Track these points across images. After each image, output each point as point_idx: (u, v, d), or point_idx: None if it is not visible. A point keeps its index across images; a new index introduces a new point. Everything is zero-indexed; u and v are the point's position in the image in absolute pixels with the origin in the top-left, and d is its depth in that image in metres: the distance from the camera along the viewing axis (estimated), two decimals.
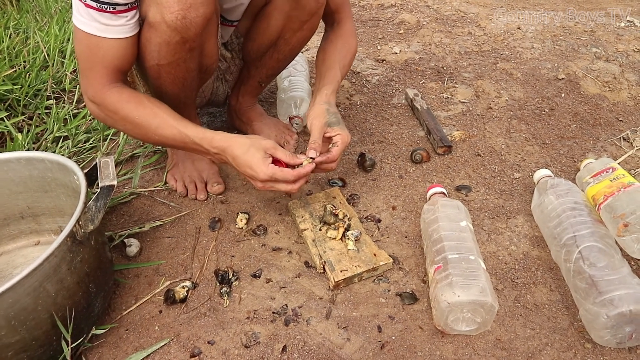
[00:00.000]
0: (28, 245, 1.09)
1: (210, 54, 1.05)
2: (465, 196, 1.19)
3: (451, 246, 0.93)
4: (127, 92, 0.96)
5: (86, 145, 1.37)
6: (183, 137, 0.96)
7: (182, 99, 1.09)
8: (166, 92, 1.05)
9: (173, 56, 0.96)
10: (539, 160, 1.28)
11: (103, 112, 0.97)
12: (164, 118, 0.96)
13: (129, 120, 0.96)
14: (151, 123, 0.96)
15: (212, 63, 1.09)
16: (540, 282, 0.99)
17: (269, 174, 0.94)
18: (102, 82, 0.94)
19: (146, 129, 0.97)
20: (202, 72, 1.08)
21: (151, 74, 1.01)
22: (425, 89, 1.60)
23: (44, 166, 0.98)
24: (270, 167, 0.95)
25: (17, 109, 1.47)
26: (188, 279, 1.02)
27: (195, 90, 1.12)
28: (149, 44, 0.95)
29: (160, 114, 0.96)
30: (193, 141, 0.96)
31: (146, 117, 0.96)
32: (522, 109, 1.47)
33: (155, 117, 0.96)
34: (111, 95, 0.95)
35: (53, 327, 0.78)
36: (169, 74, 1.00)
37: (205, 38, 0.99)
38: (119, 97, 0.95)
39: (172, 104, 1.01)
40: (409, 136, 1.40)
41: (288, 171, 0.97)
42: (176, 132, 0.96)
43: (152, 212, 1.18)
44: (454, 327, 0.87)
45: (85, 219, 0.82)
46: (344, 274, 0.98)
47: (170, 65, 0.98)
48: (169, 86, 1.03)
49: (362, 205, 1.19)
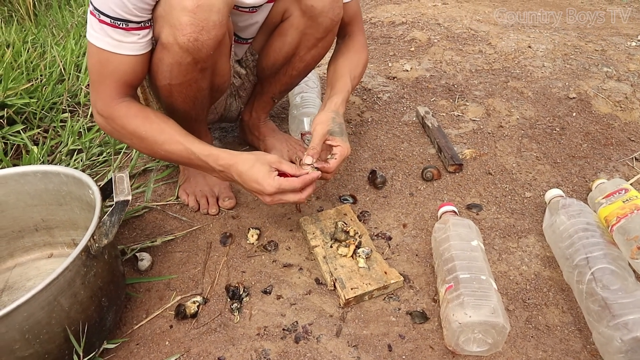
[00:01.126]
0: (41, 258, 1.10)
1: (222, 73, 1.07)
2: (476, 215, 1.19)
3: (462, 265, 0.93)
4: (135, 107, 0.98)
5: (99, 158, 1.39)
6: (189, 154, 0.97)
7: (193, 116, 1.10)
8: (178, 110, 1.07)
9: (185, 76, 0.98)
10: (550, 179, 1.28)
11: (110, 126, 0.99)
12: (171, 134, 0.97)
13: (136, 135, 0.97)
14: (158, 139, 0.97)
15: (224, 82, 1.11)
16: (552, 303, 0.98)
17: (275, 186, 0.94)
18: (111, 96, 0.96)
19: (152, 144, 0.97)
20: (214, 91, 1.10)
21: (163, 93, 1.03)
22: (436, 106, 1.60)
23: (60, 180, 0.99)
24: (277, 179, 0.95)
25: (33, 122, 1.49)
26: (199, 294, 1.02)
27: (206, 107, 1.14)
28: (161, 64, 0.96)
29: (167, 130, 0.97)
30: (199, 158, 0.97)
31: (153, 132, 0.96)
32: (533, 128, 1.47)
33: (162, 132, 0.97)
34: (119, 109, 0.96)
35: (66, 340, 0.79)
36: (181, 93, 1.02)
37: (217, 58, 1.00)
38: (127, 111, 0.96)
39: (183, 120, 1.03)
40: (420, 154, 1.40)
41: (294, 179, 0.96)
42: (182, 148, 0.97)
43: (164, 226, 1.18)
44: (465, 347, 0.87)
45: (99, 233, 0.83)
46: (355, 292, 0.98)
47: (181, 85, 1.00)
48: (181, 104, 1.05)
49: (373, 222, 1.19)
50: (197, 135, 1.04)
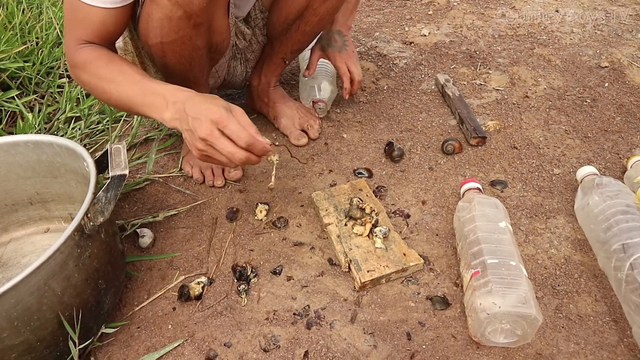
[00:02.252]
0: (37, 233, 1.04)
1: (220, 30, 0.97)
2: (501, 192, 1.11)
3: (490, 249, 0.85)
4: (101, 50, 0.89)
5: (99, 126, 1.31)
6: (144, 89, 0.85)
7: (191, 79, 1.01)
8: (174, 72, 0.98)
9: (177, 33, 0.89)
10: (580, 155, 1.19)
11: (75, 74, 0.90)
12: (131, 74, 0.87)
13: (95, 76, 0.88)
14: (116, 78, 0.87)
15: (223, 40, 1.01)
16: (584, 291, 0.91)
17: (224, 114, 0.78)
18: (76, 42, 0.88)
19: (109, 84, 0.87)
20: (212, 51, 1.00)
21: (156, 53, 0.94)
22: (457, 74, 1.50)
23: (53, 151, 0.92)
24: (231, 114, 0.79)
25: (29, 88, 1.41)
26: (204, 274, 0.96)
27: (205, 70, 1.05)
28: (151, 20, 0.87)
29: (129, 71, 0.87)
30: (154, 90, 0.84)
31: (113, 72, 0.87)
32: (561, 99, 1.37)
33: (122, 73, 0.87)
34: (82, 53, 0.88)
35: (60, 327, 0.73)
36: (174, 53, 0.93)
37: (212, 13, 0.91)
38: (90, 53, 0.88)
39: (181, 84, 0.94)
40: (440, 125, 1.31)
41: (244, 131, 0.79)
42: (138, 85, 0.86)
43: (166, 200, 1.11)
44: (492, 338, 0.80)
45: (94, 210, 0.76)
46: (371, 275, 0.91)
47: (174, 44, 0.91)
48: (176, 66, 0.96)
49: (390, 198, 1.11)
50: None
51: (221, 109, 0.79)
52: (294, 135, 1.25)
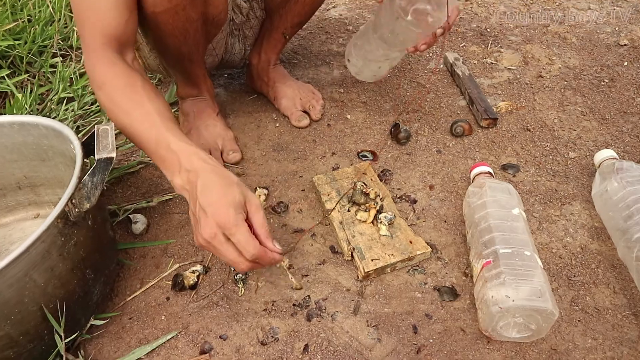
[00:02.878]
0: (27, 219, 0.99)
1: (216, 2, 0.91)
2: (513, 177, 1.05)
3: (503, 238, 0.80)
4: (120, 67, 0.78)
5: (93, 107, 1.25)
6: (159, 140, 0.73)
7: (186, 54, 0.95)
8: (168, 47, 0.92)
9: (170, 2, 0.83)
10: (597, 138, 1.13)
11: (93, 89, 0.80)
12: (149, 112, 0.75)
13: (111, 101, 0.78)
14: (133, 112, 0.76)
15: (219, 13, 0.94)
16: (601, 282, 0.85)
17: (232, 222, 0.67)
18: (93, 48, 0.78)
19: (123, 115, 0.77)
20: (207, 24, 0.94)
21: (150, 26, 0.88)
22: (466, 52, 1.43)
23: (39, 132, 0.87)
24: (242, 219, 0.68)
25: (20, 67, 1.36)
26: (199, 262, 0.91)
27: (201, 45, 0.98)
28: None
29: (147, 107, 0.75)
30: (169, 148, 0.72)
31: (130, 102, 0.76)
32: (577, 79, 1.30)
33: (140, 106, 0.76)
34: (100, 69, 0.78)
35: (44, 319, 0.68)
36: (167, 24, 0.87)
37: None
38: (108, 70, 0.77)
39: (176, 61, 0.88)
40: (449, 106, 1.24)
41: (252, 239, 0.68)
42: (155, 131, 0.74)
43: (161, 184, 1.06)
44: (504, 333, 0.75)
45: (79, 196, 0.71)
46: (376, 264, 0.86)
47: (167, 14, 0.85)
48: (169, 38, 0.90)
49: (396, 182, 1.05)
50: (194, 80, 0.90)
51: (230, 212, 0.67)
52: (294, 117, 1.19)
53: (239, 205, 0.69)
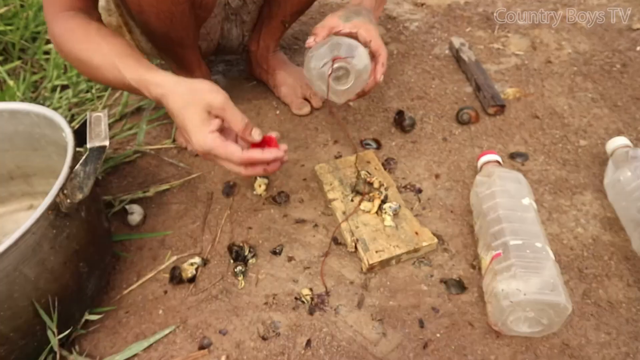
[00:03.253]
0: (20, 210, 0.96)
1: None
2: (521, 165, 1.02)
3: (513, 229, 0.77)
4: (77, 20, 0.79)
5: (88, 95, 1.22)
6: (123, 80, 0.77)
7: (175, 39, 0.92)
8: (154, 31, 0.88)
9: None
10: (609, 125, 1.09)
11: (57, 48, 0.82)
12: (106, 55, 0.77)
13: (72, 55, 0.80)
14: (92, 61, 0.78)
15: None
16: (614, 275, 0.82)
17: (206, 147, 0.72)
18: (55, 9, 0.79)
19: (88, 67, 0.79)
20: (196, 8, 0.89)
21: (134, 9, 0.84)
22: (473, 38, 1.39)
23: (30, 120, 0.83)
24: (210, 138, 0.71)
25: (12, 54, 1.32)
26: (197, 254, 0.88)
27: (191, 30, 0.94)
28: None
29: (104, 50, 0.77)
30: (130, 85, 0.77)
31: (87, 52, 0.78)
32: (588, 64, 1.26)
33: (98, 52, 0.77)
34: (58, 24, 0.79)
35: (35, 315, 0.66)
36: (152, 7, 0.83)
37: None
38: (66, 25, 0.78)
39: (166, 44, 0.85)
40: (454, 92, 1.21)
41: (233, 150, 0.72)
42: (117, 73, 0.77)
43: (158, 173, 1.03)
44: (514, 328, 0.72)
45: (71, 186, 0.68)
46: (380, 256, 0.83)
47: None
48: (155, 23, 0.86)
49: (400, 172, 1.02)
50: (188, 66, 0.86)
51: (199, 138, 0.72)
52: (295, 104, 1.15)
53: (205, 121, 0.72)
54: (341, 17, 0.87)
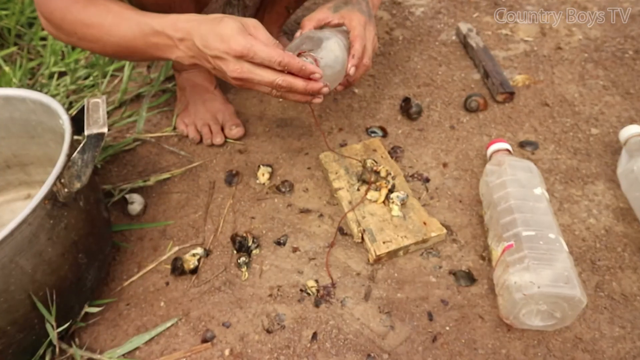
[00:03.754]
0: (17, 199, 0.94)
1: None
2: (531, 154, 0.99)
3: (525, 220, 0.74)
4: None
5: (86, 82, 1.19)
6: (142, 29, 0.74)
7: None
8: None
9: None
10: (621, 113, 1.06)
11: (52, 25, 0.78)
12: (119, 11, 0.75)
13: (79, 24, 0.76)
14: (104, 21, 0.75)
15: None
16: (628, 267, 0.80)
17: (245, 44, 0.67)
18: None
19: (99, 30, 0.75)
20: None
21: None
22: (480, 23, 1.35)
23: (26, 107, 0.81)
24: (250, 37, 0.69)
25: (8, 40, 1.29)
26: (199, 244, 0.86)
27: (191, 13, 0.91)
28: None
29: (115, 8, 0.75)
30: (154, 30, 0.73)
31: (98, 14, 0.75)
32: (599, 51, 1.23)
33: (108, 12, 0.75)
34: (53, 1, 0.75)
35: (33, 308, 0.64)
36: None
37: None
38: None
39: None
40: (462, 79, 1.18)
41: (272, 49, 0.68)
42: (134, 24, 0.74)
43: (159, 162, 1.01)
44: (526, 321, 0.70)
45: (69, 175, 0.65)
46: (387, 246, 0.81)
47: None
48: (152, 7, 0.83)
49: (407, 160, 1.00)
50: None
51: (238, 38, 0.67)
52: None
53: (241, 30, 0.68)
54: (330, 8, 0.86)
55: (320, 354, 0.72)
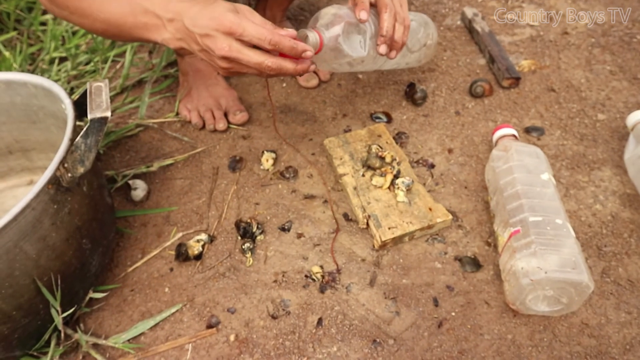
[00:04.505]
0: (20, 185, 0.93)
1: None
2: (537, 140, 0.98)
3: (532, 205, 0.74)
4: None
5: (87, 67, 1.18)
6: (133, 7, 0.73)
7: None
8: None
9: None
10: (628, 99, 1.05)
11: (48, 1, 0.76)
12: None
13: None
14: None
15: None
16: (634, 252, 0.80)
17: (235, 21, 0.66)
18: None
19: (89, 5, 0.74)
20: None
21: None
22: (485, 8, 1.33)
23: (27, 91, 0.79)
24: (239, 15, 0.68)
25: (8, 24, 1.27)
26: (204, 230, 0.86)
27: None
28: None
29: None
30: (144, 8, 0.72)
31: None
32: (606, 36, 1.21)
33: None
34: None
35: (38, 293, 0.63)
36: None
37: None
38: None
39: None
40: (467, 64, 1.16)
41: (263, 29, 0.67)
42: (125, 2, 0.73)
43: (162, 148, 1.00)
44: (532, 307, 0.70)
45: (72, 160, 0.65)
46: (393, 232, 0.81)
47: None
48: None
49: (412, 146, 0.99)
50: None
51: (228, 15, 0.66)
52: (302, 76, 1.11)
53: (232, 9, 0.68)
54: None
55: (326, 340, 0.72)
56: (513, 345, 0.70)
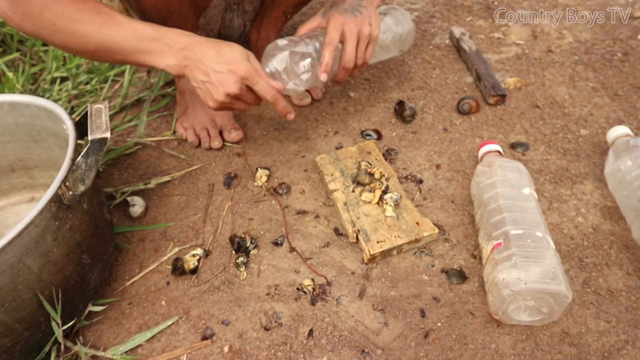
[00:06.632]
0: (21, 202, 0.97)
1: None
2: (522, 155, 1.02)
3: (514, 219, 0.77)
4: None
5: (87, 87, 1.22)
6: (137, 33, 0.74)
7: None
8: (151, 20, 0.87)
9: None
10: (609, 114, 1.09)
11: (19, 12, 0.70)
12: (111, 14, 0.74)
13: (62, 17, 0.71)
14: (93, 19, 0.73)
15: None
16: (614, 263, 0.83)
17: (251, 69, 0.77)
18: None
19: (83, 26, 0.72)
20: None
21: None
22: (473, 27, 1.38)
23: (31, 112, 0.83)
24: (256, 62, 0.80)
25: (11, 46, 1.31)
26: (199, 245, 0.89)
27: (189, 20, 0.93)
28: None
29: (107, 11, 0.74)
30: (151, 36, 0.75)
31: (86, 12, 0.72)
32: (589, 53, 1.26)
33: (98, 13, 0.73)
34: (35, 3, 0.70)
35: (39, 306, 0.66)
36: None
37: None
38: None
39: None
40: (455, 82, 1.20)
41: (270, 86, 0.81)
42: (127, 28, 0.74)
43: (159, 165, 1.03)
44: (514, 316, 0.73)
45: (73, 178, 0.68)
46: (381, 246, 0.84)
47: None
48: (152, 12, 0.85)
49: (401, 162, 1.02)
50: None
51: (247, 64, 0.77)
52: (295, 95, 1.15)
53: (246, 56, 0.78)
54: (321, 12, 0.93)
55: (317, 350, 0.74)
56: (496, 354, 0.73)
